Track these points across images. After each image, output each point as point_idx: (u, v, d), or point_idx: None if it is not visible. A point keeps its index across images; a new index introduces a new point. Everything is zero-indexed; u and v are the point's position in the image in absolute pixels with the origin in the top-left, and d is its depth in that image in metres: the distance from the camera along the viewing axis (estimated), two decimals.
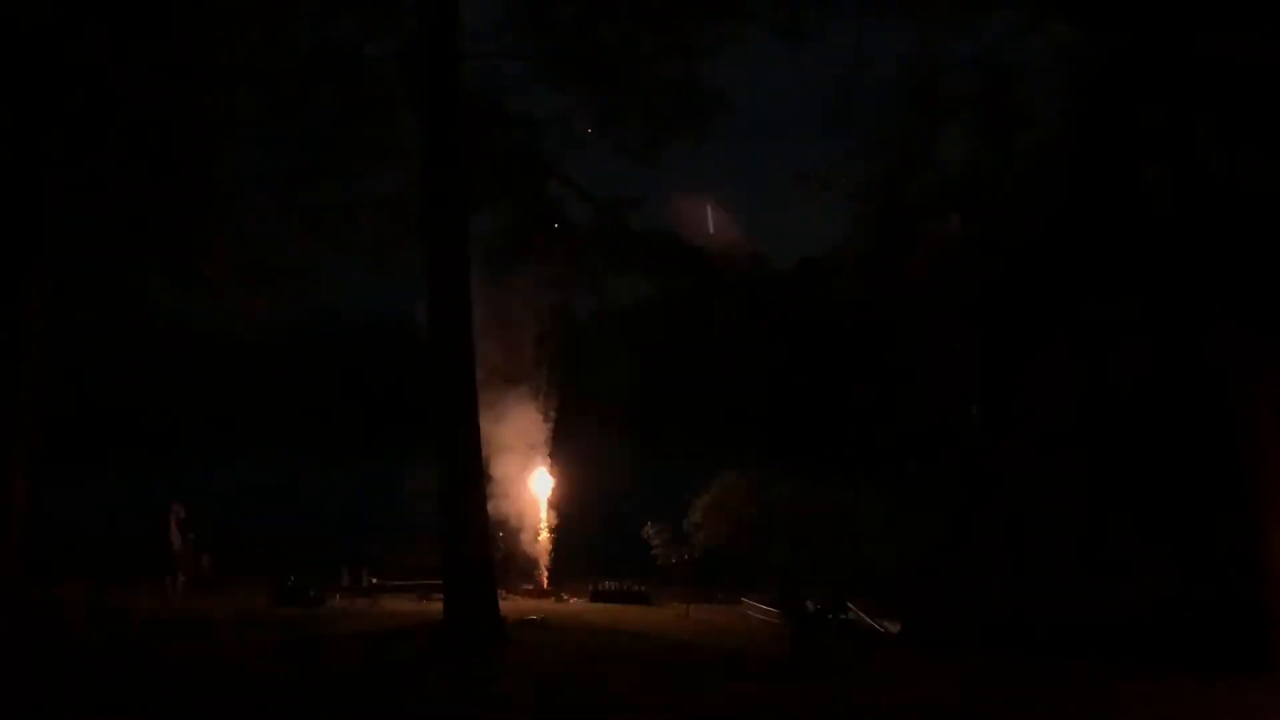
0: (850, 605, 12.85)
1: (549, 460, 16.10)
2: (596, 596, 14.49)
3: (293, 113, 10.92)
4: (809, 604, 12.99)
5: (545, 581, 15.41)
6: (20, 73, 9.28)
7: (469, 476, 10.14)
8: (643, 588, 14.59)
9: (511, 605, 12.15)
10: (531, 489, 15.89)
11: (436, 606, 10.54)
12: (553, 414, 15.93)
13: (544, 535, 15.82)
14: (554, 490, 16.06)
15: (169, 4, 9.89)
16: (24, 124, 9.41)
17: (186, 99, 10.24)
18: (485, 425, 10.88)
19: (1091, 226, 10.40)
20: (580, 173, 12.04)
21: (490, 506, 11.47)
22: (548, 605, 13.64)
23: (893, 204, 11.81)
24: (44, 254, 9.61)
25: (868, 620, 12.86)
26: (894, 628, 12.65)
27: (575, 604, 14.21)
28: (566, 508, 16.08)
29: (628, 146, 11.25)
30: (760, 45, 10.74)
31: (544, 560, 15.68)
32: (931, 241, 13.21)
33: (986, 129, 10.68)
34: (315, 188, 11.08)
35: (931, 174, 11.51)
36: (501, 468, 14.89)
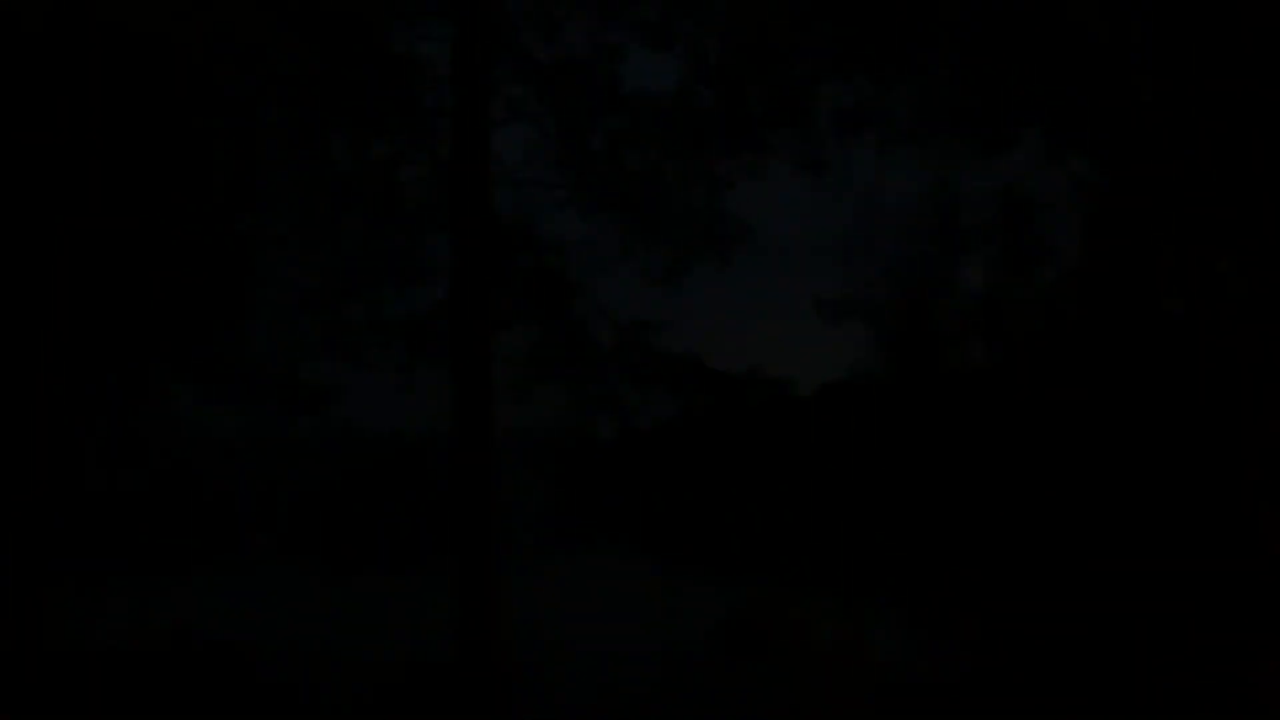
0: None
1: None
2: None
3: (324, 231, 11.21)
4: None
5: None
6: (45, 184, 9.56)
7: (488, 595, 10.06)
8: None
9: None
10: None
11: None
12: None
13: None
14: None
15: (204, 127, 10.25)
16: (43, 230, 9.65)
17: (217, 218, 10.55)
18: None
19: (1111, 356, 10.45)
20: (605, 295, 12.25)
21: None
22: None
23: (914, 331, 11.94)
24: (57, 353, 9.76)
25: None
26: None
27: None
28: None
29: (652, 271, 11.49)
30: (782, 174, 11.06)
31: None
32: (953, 368, 13.28)
33: (1007, 260, 10.87)
34: (343, 305, 11.31)
35: (953, 302, 11.66)
36: None
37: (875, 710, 13.26)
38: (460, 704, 9.91)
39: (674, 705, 14.67)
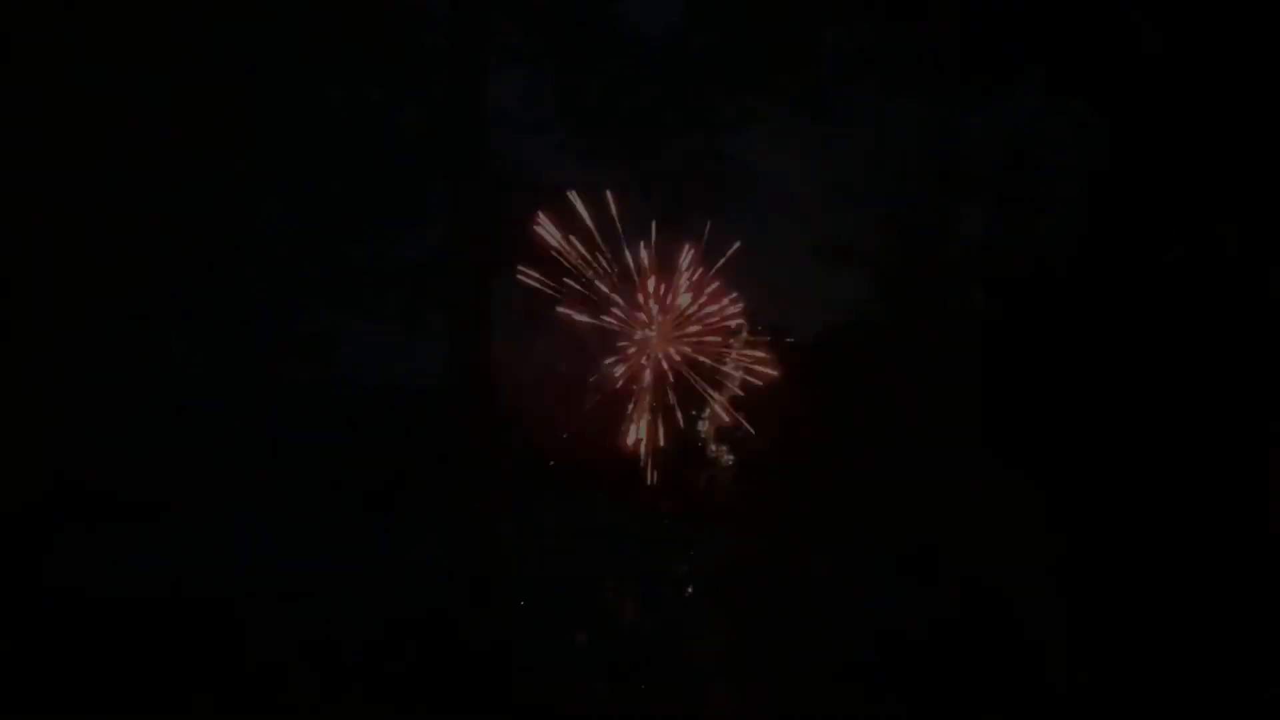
0: None
1: None
2: None
3: (321, 177, 11.13)
4: None
5: None
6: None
7: (488, 540, 10.16)
8: None
9: None
10: None
11: None
12: None
13: None
14: None
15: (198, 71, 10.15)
16: (34, 179, 9.58)
17: (215, 162, 10.48)
18: None
19: (1109, 305, 10.44)
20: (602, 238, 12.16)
21: None
22: None
23: (912, 277, 11.90)
24: (51, 305, 9.75)
25: None
26: None
27: None
28: None
29: (651, 215, 11.42)
30: (783, 118, 10.96)
31: None
32: (953, 314, 13.24)
33: (1006, 207, 10.82)
34: (340, 251, 11.26)
35: (952, 249, 11.61)
36: None
37: (865, 651, 13.43)
38: (461, 647, 10.03)
39: (670, 645, 14.87)
